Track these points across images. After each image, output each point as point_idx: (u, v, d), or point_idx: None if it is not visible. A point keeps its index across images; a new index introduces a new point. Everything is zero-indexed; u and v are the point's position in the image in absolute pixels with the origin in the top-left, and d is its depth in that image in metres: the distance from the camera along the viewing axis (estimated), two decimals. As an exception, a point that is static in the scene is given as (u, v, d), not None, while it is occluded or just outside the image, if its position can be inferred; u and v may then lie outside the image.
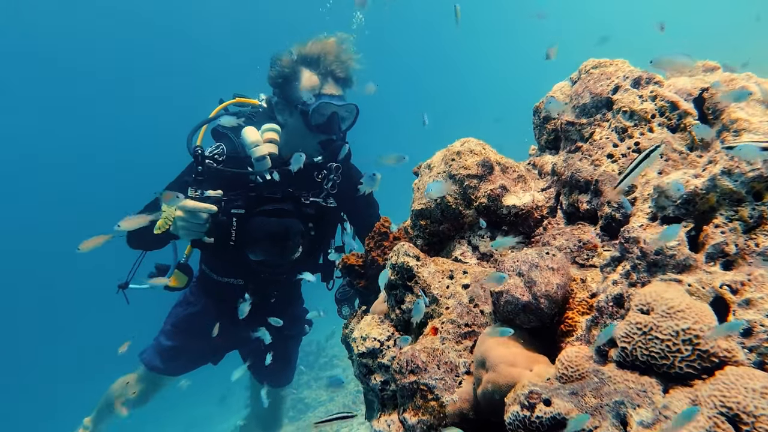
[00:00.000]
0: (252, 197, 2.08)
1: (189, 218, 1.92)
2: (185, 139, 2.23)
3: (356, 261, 2.07)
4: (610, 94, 1.40)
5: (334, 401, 7.20)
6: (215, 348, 2.74)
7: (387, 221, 1.99)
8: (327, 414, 6.90)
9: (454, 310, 1.31)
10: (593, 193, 1.28)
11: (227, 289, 2.51)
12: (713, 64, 1.63)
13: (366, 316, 1.59)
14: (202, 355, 2.74)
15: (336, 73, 2.26)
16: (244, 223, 2.05)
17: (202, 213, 1.93)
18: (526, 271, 1.09)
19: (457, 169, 1.52)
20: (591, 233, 1.22)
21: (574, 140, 1.53)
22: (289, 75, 2.26)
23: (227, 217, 2.02)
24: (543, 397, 0.89)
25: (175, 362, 2.68)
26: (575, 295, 1.08)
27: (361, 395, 7.55)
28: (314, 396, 7.75)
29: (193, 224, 1.93)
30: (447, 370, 1.20)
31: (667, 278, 0.85)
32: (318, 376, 8.31)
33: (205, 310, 2.61)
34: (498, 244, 1.36)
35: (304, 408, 7.43)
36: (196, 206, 1.92)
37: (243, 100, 2.54)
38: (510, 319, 1.11)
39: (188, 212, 1.92)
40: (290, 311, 2.76)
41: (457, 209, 1.53)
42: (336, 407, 6.80)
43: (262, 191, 2.11)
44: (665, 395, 0.78)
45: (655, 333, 0.80)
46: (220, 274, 2.50)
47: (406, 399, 1.23)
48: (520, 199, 1.46)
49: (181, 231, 1.95)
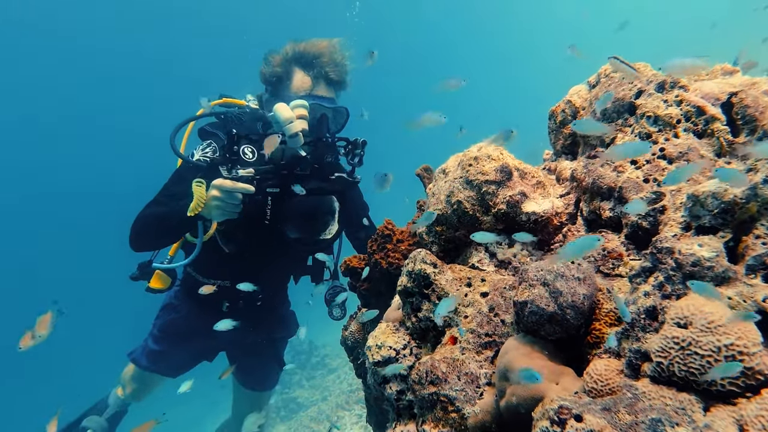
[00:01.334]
0: (284, 175, 2.03)
1: (226, 198, 1.88)
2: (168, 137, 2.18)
3: (358, 263, 2.04)
4: (633, 98, 1.37)
5: (327, 401, 7.13)
6: (203, 351, 2.73)
7: (390, 223, 1.96)
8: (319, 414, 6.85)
9: (474, 319, 1.28)
10: (617, 201, 1.25)
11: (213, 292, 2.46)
12: (731, 67, 1.60)
13: (381, 324, 1.56)
14: (192, 358, 2.72)
15: (329, 75, 2.23)
16: (278, 202, 2.01)
17: (238, 193, 1.89)
18: (551, 281, 1.06)
19: (474, 174, 1.49)
20: (616, 242, 1.18)
21: (594, 145, 1.50)
22: (282, 74, 2.23)
23: (262, 196, 1.97)
24: (574, 412, 0.86)
25: (163, 364, 2.66)
26: (602, 306, 1.05)
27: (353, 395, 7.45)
28: (306, 395, 7.67)
29: (228, 204, 1.89)
30: (468, 381, 1.17)
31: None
32: (310, 376, 8.25)
33: (189, 315, 2.58)
34: (518, 237, 1.32)
35: (297, 407, 7.37)
36: (235, 186, 1.88)
37: (230, 101, 2.51)
38: (534, 330, 1.08)
39: (225, 192, 1.87)
40: (277, 313, 2.75)
41: (474, 215, 1.50)
42: (329, 407, 6.74)
43: (293, 168, 2.06)
44: (706, 414, 0.74)
45: (694, 348, 0.77)
46: (207, 276, 2.47)
47: (426, 410, 1.20)
48: (540, 206, 1.43)
49: (215, 211, 1.90)
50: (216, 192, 1.88)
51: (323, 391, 7.69)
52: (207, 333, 2.58)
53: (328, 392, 7.53)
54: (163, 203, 2.09)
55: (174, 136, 2.17)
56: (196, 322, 2.56)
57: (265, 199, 2.00)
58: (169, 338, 2.61)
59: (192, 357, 2.72)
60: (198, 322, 2.55)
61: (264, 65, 2.28)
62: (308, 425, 6.59)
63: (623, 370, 0.91)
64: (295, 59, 2.23)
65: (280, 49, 2.27)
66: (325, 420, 6.47)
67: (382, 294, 1.89)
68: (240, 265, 2.39)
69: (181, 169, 2.25)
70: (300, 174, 2.04)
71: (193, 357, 2.72)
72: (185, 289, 2.60)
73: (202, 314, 2.55)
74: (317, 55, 2.21)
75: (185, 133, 2.37)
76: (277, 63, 2.24)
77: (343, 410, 6.43)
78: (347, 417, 6.22)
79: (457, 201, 1.52)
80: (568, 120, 1.77)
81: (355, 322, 2.11)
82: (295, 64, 2.23)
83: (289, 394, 7.79)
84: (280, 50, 2.26)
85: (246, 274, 2.41)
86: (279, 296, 2.75)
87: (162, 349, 2.61)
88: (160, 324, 2.63)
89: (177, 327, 2.60)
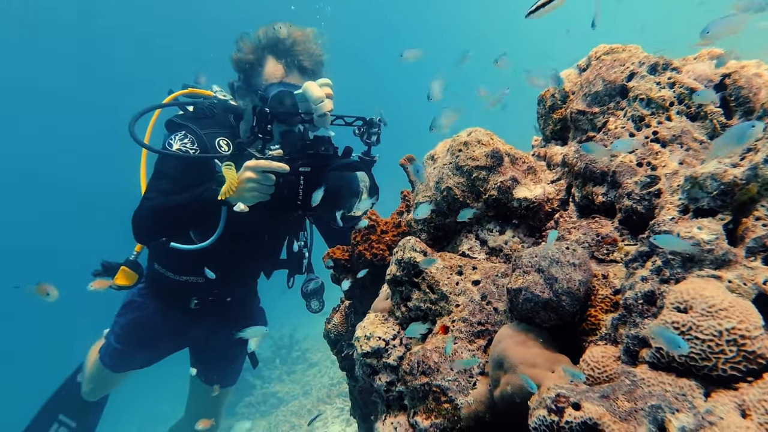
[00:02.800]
0: (311, 155, 1.95)
1: (261, 179, 1.81)
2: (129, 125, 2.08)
3: (342, 255, 1.99)
4: (625, 81, 1.34)
5: (308, 395, 7.07)
6: (167, 349, 2.68)
7: (374, 214, 1.92)
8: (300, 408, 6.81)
9: (466, 308, 1.25)
10: (610, 185, 1.23)
11: (183, 289, 2.42)
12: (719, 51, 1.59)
13: (369, 314, 1.52)
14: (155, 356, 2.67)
15: (302, 63, 2.15)
16: (310, 182, 1.93)
17: (271, 174, 1.82)
18: (546, 267, 1.04)
19: (464, 160, 1.46)
20: (609, 227, 1.16)
21: (585, 130, 1.48)
22: (253, 61, 2.15)
23: (295, 176, 1.89)
24: (571, 400, 0.84)
25: (125, 362, 2.61)
26: (597, 292, 1.03)
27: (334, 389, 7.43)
28: (287, 390, 7.57)
29: (263, 186, 1.82)
30: (460, 371, 1.15)
31: (704, 274, 0.80)
32: (291, 370, 8.17)
33: (154, 313, 2.50)
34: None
35: (277, 402, 7.29)
36: (271, 166, 1.80)
37: (195, 91, 2.41)
38: (529, 318, 1.06)
39: (260, 173, 1.81)
40: (247, 309, 2.70)
41: (464, 202, 1.46)
42: (310, 402, 6.68)
43: (318, 148, 1.99)
44: (707, 399, 0.73)
45: (694, 333, 0.75)
46: (178, 273, 2.39)
47: (417, 401, 1.17)
48: (532, 192, 1.40)
49: (248, 193, 1.82)
50: (250, 173, 1.80)
51: (304, 385, 7.60)
52: (173, 331, 2.55)
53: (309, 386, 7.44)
54: (170, 192, 2.00)
55: (133, 125, 2.07)
56: (162, 320, 2.49)
57: (297, 179, 1.90)
58: (132, 337, 2.53)
59: (155, 355, 2.66)
60: (164, 320, 2.49)
61: (236, 51, 2.19)
62: (289, 419, 6.52)
63: (620, 356, 0.89)
64: (268, 46, 2.14)
65: (252, 34, 2.17)
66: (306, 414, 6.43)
67: (366, 286, 1.85)
68: (211, 263, 2.33)
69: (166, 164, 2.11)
70: (324, 153, 1.96)
71: (157, 355, 2.67)
72: (151, 287, 2.51)
73: (169, 312, 2.49)
74: (290, 42, 2.13)
75: (149, 124, 2.25)
76: (249, 50, 2.15)
77: (325, 404, 6.38)
78: (329, 410, 6.18)
79: (446, 187, 1.48)
80: (557, 105, 1.74)
81: (338, 315, 2.08)
82: (267, 51, 2.15)
83: (270, 388, 7.67)
84: (252, 36, 2.17)
85: (221, 270, 2.36)
86: (249, 292, 2.71)
87: (124, 348, 2.53)
88: (123, 323, 2.54)
89: (141, 326, 2.51)
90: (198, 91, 2.42)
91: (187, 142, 2.08)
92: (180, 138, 2.08)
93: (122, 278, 2.26)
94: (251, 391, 7.67)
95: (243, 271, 2.55)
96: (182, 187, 2.01)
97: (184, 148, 2.07)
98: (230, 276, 2.50)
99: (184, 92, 2.40)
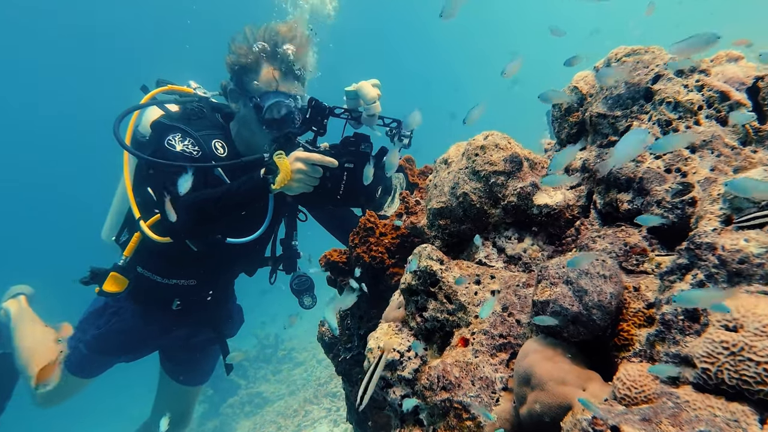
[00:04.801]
0: (352, 151, 1.95)
1: (310, 171, 1.81)
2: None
3: (339, 257, 1.95)
4: (650, 83, 1.30)
5: (295, 395, 7.00)
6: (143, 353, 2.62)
7: (373, 215, 1.88)
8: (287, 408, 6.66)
9: (486, 320, 1.20)
10: (636, 192, 1.18)
11: (168, 291, 2.35)
12: (736, 53, 1.54)
13: (382, 324, 1.47)
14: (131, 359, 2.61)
15: (297, 69, 2.11)
16: (352, 177, 1.92)
17: (320, 167, 1.82)
18: (574, 279, 0.99)
19: (481, 164, 1.41)
20: (637, 236, 1.11)
21: (606, 134, 1.43)
22: (247, 65, 2.10)
23: (340, 171, 1.89)
24: (610, 423, 0.79)
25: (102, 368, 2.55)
26: (629, 306, 0.98)
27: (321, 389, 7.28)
28: (272, 390, 7.49)
29: (310, 178, 1.82)
30: (482, 387, 1.09)
31: (753, 290, 0.75)
32: (276, 369, 8.08)
33: (133, 318, 2.41)
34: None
35: (262, 402, 7.20)
36: (323, 160, 1.81)
37: (175, 88, 2.32)
38: (557, 332, 1.00)
39: (310, 165, 1.81)
40: (225, 308, 2.65)
41: (481, 208, 1.41)
42: (297, 402, 6.58)
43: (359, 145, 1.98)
44: (763, 426, 0.68)
45: (747, 354, 0.70)
46: (166, 276, 2.31)
47: (438, 418, 1.12)
48: (553, 198, 1.35)
49: (296, 184, 1.82)
50: (301, 165, 1.80)
51: (290, 384, 7.50)
52: (154, 333, 2.47)
53: (295, 386, 7.35)
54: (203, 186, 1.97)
55: (118, 127, 2.01)
56: (143, 324, 2.41)
57: (342, 174, 1.89)
58: (110, 345, 2.43)
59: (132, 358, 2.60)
60: (145, 324, 2.41)
61: (229, 54, 2.14)
62: (275, 420, 6.43)
63: (659, 376, 0.84)
64: (263, 51, 2.09)
65: (245, 34, 2.12)
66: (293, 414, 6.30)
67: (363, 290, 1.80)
68: (205, 264, 2.28)
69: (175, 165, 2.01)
70: (364, 151, 1.96)
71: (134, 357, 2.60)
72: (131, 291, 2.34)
73: (149, 315, 2.40)
74: (285, 47, 2.08)
75: (129, 126, 2.16)
76: (243, 53, 2.10)
77: (312, 404, 6.30)
78: (315, 411, 6.10)
79: (462, 193, 1.43)
80: (573, 108, 1.70)
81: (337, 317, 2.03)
82: (262, 56, 2.10)
83: (255, 388, 7.56)
84: (246, 37, 2.11)
85: (210, 272, 2.30)
86: (228, 291, 2.66)
87: (97, 356, 2.45)
88: (97, 333, 2.43)
89: (120, 332, 2.41)
90: (178, 88, 2.32)
91: (188, 144, 2.02)
92: (180, 139, 2.02)
93: (112, 285, 2.15)
94: (236, 391, 7.54)
95: (233, 270, 2.52)
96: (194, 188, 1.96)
97: (187, 150, 2.02)
98: (219, 276, 2.45)
99: (162, 89, 2.29)
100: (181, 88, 2.33)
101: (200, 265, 2.28)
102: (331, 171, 1.87)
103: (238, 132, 2.19)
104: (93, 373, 2.54)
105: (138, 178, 2.19)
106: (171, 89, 2.31)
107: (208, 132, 2.12)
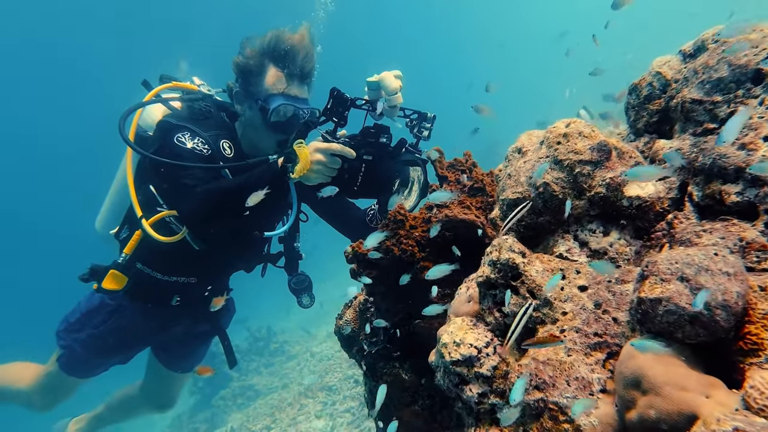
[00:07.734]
0: (371, 143, 1.93)
1: (329, 162, 1.80)
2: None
3: (366, 250, 1.91)
4: (761, 64, 1.19)
5: (287, 388, 6.98)
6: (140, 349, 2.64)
7: (402, 208, 1.83)
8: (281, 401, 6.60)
9: (577, 317, 1.13)
10: (748, 183, 1.09)
11: (168, 288, 2.35)
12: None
13: (455, 319, 1.41)
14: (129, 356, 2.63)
15: (303, 72, 2.12)
16: (370, 169, 1.92)
17: (339, 157, 1.81)
18: (692, 276, 0.91)
19: (565, 153, 1.33)
20: (753, 231, 1.02)
21: (701, 121, 1.33)
22: (254, 67, 2.11)
23: (358, 162, 1.87)
24: (753, 436, 0.72)
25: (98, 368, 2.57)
26: (756, 306, 0.89)
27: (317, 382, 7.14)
28: (265, 383, 7.47)
29: (328, 168, 1.81)
30: (579, 388, 1.03)
31: None
32: (269, 363, 8.09)
33: (133, 316, 2.41)
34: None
35: (254, 395, 7.20)
36: (343, 150, 1.79)
37: (180, 85, 2.30)
38: (669, 332, 0.93)
39: (329, 155, 1.80)
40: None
41: (563, 199, 1.34)
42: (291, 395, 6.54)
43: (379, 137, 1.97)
44: None
45: None
46: (167, 274, 2.31)
47: (530, 419, 1.06)
48: (644, 189, 1.26)
49: (314, 174, 1.81)
50: (320, 156, 1.79)
51: (282, 378, 7.47)
52: (153, 330, 2.48)
53: (288, 379, 7.31)
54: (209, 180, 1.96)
55: (123, 125, 2.01)
56: (143, 320, 2.41)
57: (360, 166, 1.88)
58: (104, 346, 2.43)
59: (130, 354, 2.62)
60: (144, 320, 2.42)
61: (238, 55, 2.15)
62: (269, 413, 6.41)
63: (803, 384, 0.76)
64: (269, 53, 2.10)
65: (256, 38, 2.12)
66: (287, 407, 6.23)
67: (390, 284, 1.74)
68: (207, 261, 2.28)
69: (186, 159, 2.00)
70: (383, 144, 1.94)
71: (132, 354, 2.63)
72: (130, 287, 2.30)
73: (149, 311, 2.41)
74: (292, 51, 2.09)
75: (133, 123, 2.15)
76: (251, 55, 2.11)
77: (307, 398, 6.24)
78: (311, 405, 6.04)
79: (543, 183, 1.35)
80: (655, 94, 1.60)
81: (351, 311, 1.99)
82: (268, 58, 2.11)
83: (246, 381, 7.54)
84: (256, 40, 2.12)
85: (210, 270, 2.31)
86: (224, 285, 2.66)
87: (90, 357, 2.46)
88: (93, 333, 2.42)
89: (117, 331, 2.40)
90: (182, 84, 2.31)
91: (198, 142, 2.03)
92: (190, 137, 2.03)
93: (111, 282, 2.14)
94: (227, 383, 7.51)
95: (232, 267, 2.54)
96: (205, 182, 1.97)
97: (198, 148, 2.02)
98: (219, 273, 2.47)
99: (166, 86, 2.27)
100: (185, 85, 2.31)
101: (201, 263, 2.29)
102: (349, 162, 1.84)
103: (244, 133, 2.21)
104: (88, 374, 2.56)
105: (140, 176, 2.19)
106: (175, 86, 2.30)
107: (216, 132, 2.14)
